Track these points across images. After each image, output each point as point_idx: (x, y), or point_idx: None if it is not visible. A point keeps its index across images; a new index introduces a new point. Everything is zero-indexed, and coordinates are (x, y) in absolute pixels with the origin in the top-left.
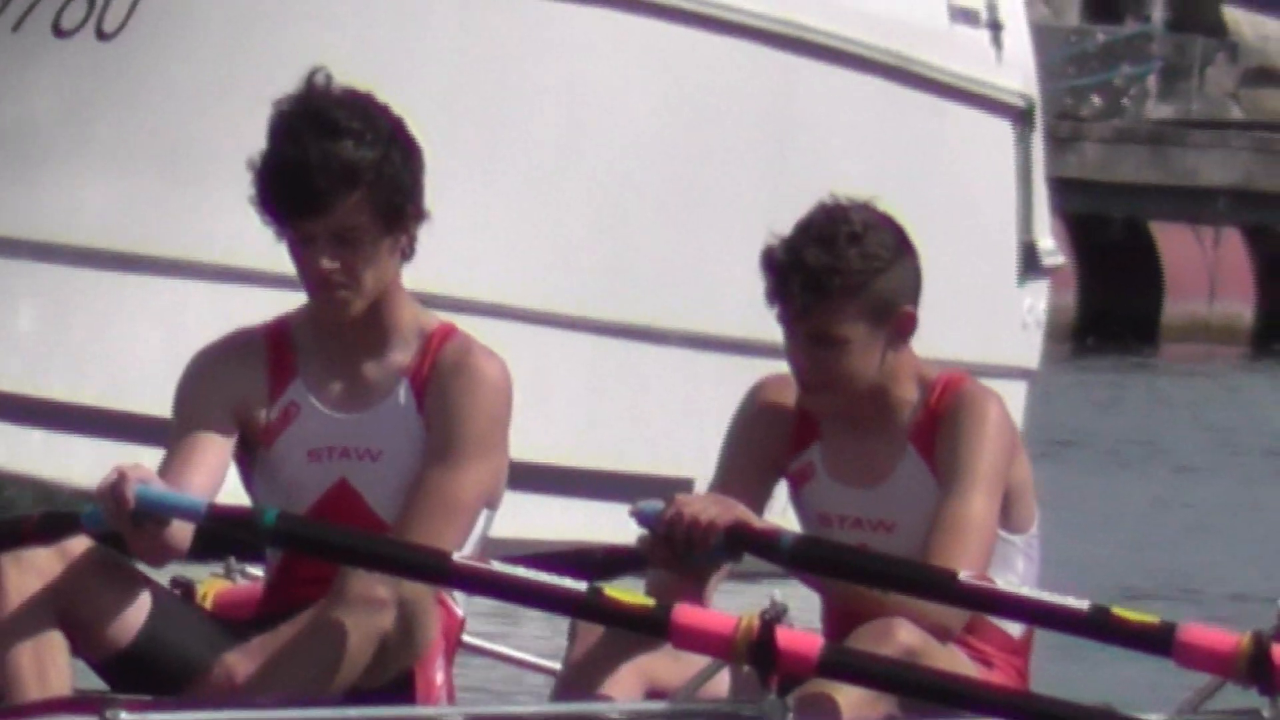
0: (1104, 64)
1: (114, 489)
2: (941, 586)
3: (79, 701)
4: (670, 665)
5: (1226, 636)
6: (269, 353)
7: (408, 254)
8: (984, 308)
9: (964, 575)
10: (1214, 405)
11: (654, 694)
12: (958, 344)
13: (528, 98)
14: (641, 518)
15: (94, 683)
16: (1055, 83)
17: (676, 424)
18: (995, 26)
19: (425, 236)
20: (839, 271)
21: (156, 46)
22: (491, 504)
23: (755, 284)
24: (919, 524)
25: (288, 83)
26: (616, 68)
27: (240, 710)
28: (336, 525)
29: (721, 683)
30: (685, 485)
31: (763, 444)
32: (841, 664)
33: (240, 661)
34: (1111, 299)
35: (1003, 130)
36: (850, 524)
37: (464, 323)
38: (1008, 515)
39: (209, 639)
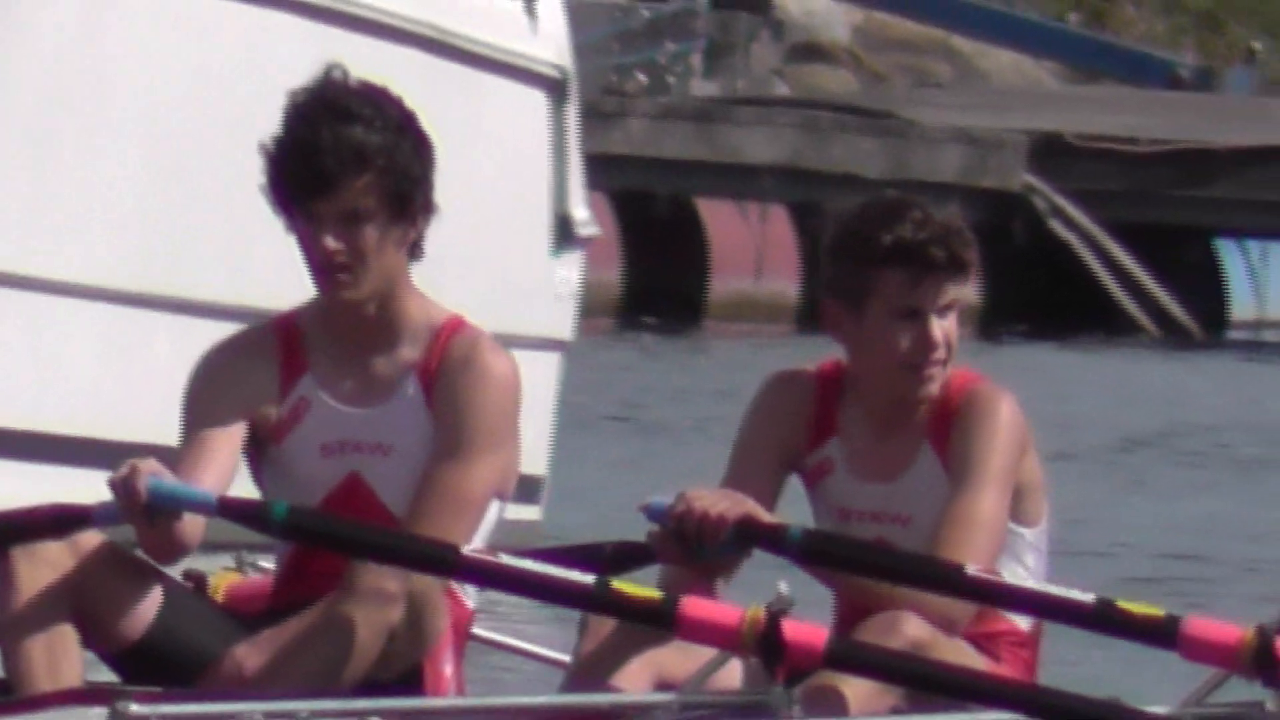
0: (649, 41)
1: (126, 482)
2: (949, 580)
3: (90, 693)
4: (680, 658)
5: (1231, 630)
6: (279, 349)
7: (416, 253)
8: (517, 278)
9: (971, 569)
10: (755, 383)
11: (663, 686)
12: (490, 314)
13: (53, 66)
14: (650, 512)
15: (106, 675)
16: (600, 59)
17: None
18: None
19: None
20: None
21: None
22: (502, 496)
23: (285, 256)
24: (934, 518)
25: None
26: (150, 38)
27: (250, 702)
28: (345, 519)
29: (735, 675)
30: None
31: (778, 439)
32: (847, 656)
33: (250, 654)
34: (657, 275)
35: (537, 101)
36: (869, 518)
37: None
38: (1018, 509)
39: (220, 632)
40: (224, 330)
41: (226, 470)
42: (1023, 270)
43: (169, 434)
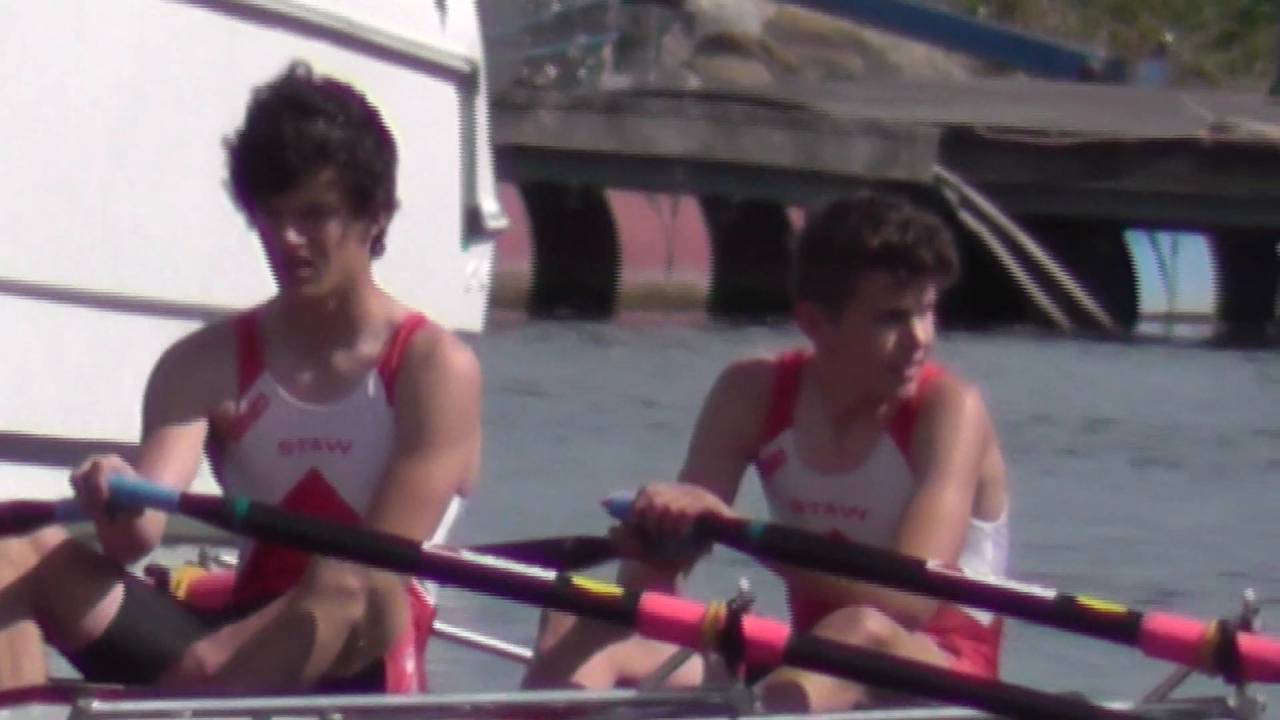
0: (560, 34)
1: (88, 478)
2: (910, 575)
3: (52, 690)
4: (641, 654)
5: (1192, 625)
6: (239, 345)
7: (378, 249)
8: (426, 270)
9: (932, 564)
10: (667, 374)
11: (624, 683)
12: None
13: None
14: (612, 508)
15: (68, 672)
16: (510, 52)
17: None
18: None
19: None
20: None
21: None
22: (463, 492)
23: (210, 248)
24: (891, 511)
25: None
26: (65, 33)
27: (211, 699)
28: (307, 515)
29: (696, 671)
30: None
31: (735, 430)
32: (808, 652)
33: (210, 651)
34: (568, 267)
35: (446, 94)
36: (823, 510)
37: None
38: (979, 503)
39: (181, 629)
40: (186, 329)
41: (188, 467)
42: None
43: (133, 432)
